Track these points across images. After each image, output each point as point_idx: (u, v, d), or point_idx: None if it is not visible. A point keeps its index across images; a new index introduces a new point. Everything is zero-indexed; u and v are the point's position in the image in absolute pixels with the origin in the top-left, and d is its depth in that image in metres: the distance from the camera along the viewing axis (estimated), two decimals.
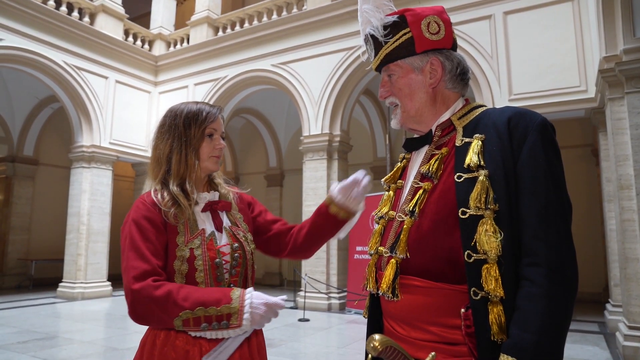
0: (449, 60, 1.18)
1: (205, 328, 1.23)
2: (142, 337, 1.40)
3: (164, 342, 1.31)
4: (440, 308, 1.02)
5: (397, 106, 1.22)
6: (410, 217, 1.10)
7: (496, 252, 0.95)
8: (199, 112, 1.45)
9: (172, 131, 1.44)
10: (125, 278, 1.26)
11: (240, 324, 1.24)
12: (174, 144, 1.43)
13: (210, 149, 1.47)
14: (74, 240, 9.62)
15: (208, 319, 1.23)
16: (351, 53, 8.48)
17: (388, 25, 1.18)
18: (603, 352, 5.25)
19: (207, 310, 1.22)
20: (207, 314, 1.22)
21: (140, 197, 1.43)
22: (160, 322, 1.25)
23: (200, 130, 1.44)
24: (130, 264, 1.27)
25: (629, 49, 4.98)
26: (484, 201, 0.98)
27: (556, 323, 0.90)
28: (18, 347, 5.33)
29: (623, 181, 5.18)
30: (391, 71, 1.21)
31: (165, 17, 11.92)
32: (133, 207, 1.39)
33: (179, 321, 1.22)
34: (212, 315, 1.23)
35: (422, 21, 1.16)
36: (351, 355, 5.18)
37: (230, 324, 1.23)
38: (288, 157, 13.54)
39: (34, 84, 10.33)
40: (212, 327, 1.23)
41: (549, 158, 0.99)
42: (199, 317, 1.22)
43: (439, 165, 1.11)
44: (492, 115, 1.10)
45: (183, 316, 1.22)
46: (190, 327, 1.23)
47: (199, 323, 1.23)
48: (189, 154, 1.43)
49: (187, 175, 1.43)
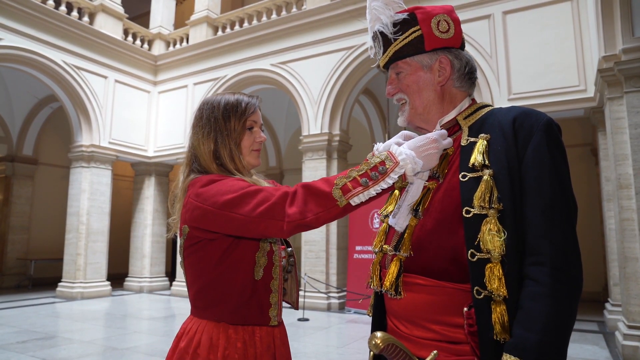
0: (457, 59, 1.19)
1: (367, 183, 1.11)
2: (182, 341, 1.29)
3: (226, 345, 1.24)
4: (443, 307, 1.02)
5: (405, 103, 1.22)
6: (414, 215, 1.10)
7: (500, 251, 0.95)
8: (237, 103, 1.38)
9: (212, 125, 1.36)
10: (272, 198, 1.14)
11: (396, 162, 1.10)
12: (217, 138, 1.35)
13: (251, 142, 1.39)
14: (74, 240, 9.61)
15: (365, 174, 1.12)
16: (351, 52, 8.48)
17: (398, 23, 1.18)
18: (602, 351, 5.26)
19: (360, 169, 1.13)
20: (360, 172, 1.12)
21: (210, 175, 1.31)
22: (320, 203, 1.12)
23: (241, 123, 1.37)
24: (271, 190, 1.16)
25: (628, 48, 4.99)
26: (488, 200, 0.98)
27: (560, 323, 0.90)
28: (17, 347, 5.33)
29: (622, 180, 5.18)
30: (400, 68, 1.20)
31: (164, 17, 11.91)
32: (208, 177, 1.27)
33: (337, 191, 1.11)
34: (366, 170, 1.12)
35: (433, 19, 1.16)
36: (351, 355, 5.18)
37: (387, 167, 1.11)
38: (287, 156, 13.54)
39: (34, 83, 10.32)
40: (372, 178, 1.11)
41: (554, 158, 0.99)
42: (354, 177, 1.12)
43: (445, 165, 1.11)
44: (498, 114, 1.11)
45: (339, 183, 1.12)
46: (351, 191, 1.11)
47: (357, 182, 1.11)
48: (232, 149, 1.35)
49: (241, 170, 1.35)
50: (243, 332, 1.26)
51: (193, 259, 1.31)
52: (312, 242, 8.44)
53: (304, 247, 8.55)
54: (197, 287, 1.31)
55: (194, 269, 1.31)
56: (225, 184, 1.23)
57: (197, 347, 1.24)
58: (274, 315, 1.31)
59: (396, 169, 1.10)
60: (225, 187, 1.22)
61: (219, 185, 1.23)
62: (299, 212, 1.11)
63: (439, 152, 1.12)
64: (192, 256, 1.31)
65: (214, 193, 1.21)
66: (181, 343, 1.29)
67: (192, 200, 1.25)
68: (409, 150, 1.11)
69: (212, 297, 1.28)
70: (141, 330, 6.63)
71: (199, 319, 1.31)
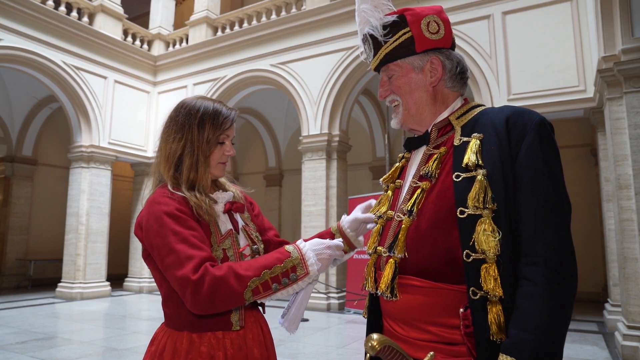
0: (449, 59, 1.19)
1: (276, 288, 1.21)
2: (152, 345, 1.32)
3: (189, 350, 1.24)
4: (439, 308, 1.01)
5: (398, 105, 1.22)
6: (408, 216, 1.09)
7: (495, 251, 0.95)
8: (215, 115, 1.36)
9: (185, 131, 1.34)
10: (179, 272, 1.15)
11: (307, 272, 1.23)
12: (187, 146, 1.34)
13: (220, 155, 1.39)
14: (73, 241, 9.61)
15: (275, 279, 1.20)
16: (350, 53, 8.49)
17: (387, 25, 1.17)
18: (602, 351, 5.26)
19: (273, 270, 1.20)
20: (273, 274, 1.20)
21: (160, 192, 1.31)
22: (227, 301, 1.17)
23: (215, 136, 1.36)
24: (185, 254, 1.17)
25: (627, 48, 4.99)
26: (482, 200, 0.98)
27: (555, 322, 0.90)
28: (17, 348, 5.32)
29: (622, 181, 5.18)
30: (391, 71, 1.21)
31: (164, 17, 11.92)
32: (156, 202, 1.27)
33: (248, 292, 1.18)
34: (278, 274, 1.21)
35: (422, 20, 1.16)
36: (350, 355, 5.18)
37: (298, 275, 1.22)
38: (287, 157, 13.53)
39: (33, 84, 10.32)
40: (282, 284, 1.21)
41: (547, 157, 0.99)
42: (266, 280, 1.19)
43: (438, 165, 1.11)
44: (491, 114, 1.10)
45: (252, 285, 1.18)
46: (261, 293, 1.20)
47: (268, 286, 1.20)
48: (200, 160, 1.34)
49: (196, 182, 1.35)
50: (209, 337, 1.27)
51: (152, 268, 1.33)
52: None
53: None
54: (162, 296, 1.33)
55: (156, 278, 1.33)
56: (164, 236, 1.23)
57: (163, 351, 1.27)
58: (236, 320, 1.30)
59: (305, 279, 1.24)
60: (162, 241, 1.23)
61: (159, 235, 1.24)
62: (201, 308, 1.16)
63: (330, 259, 1.28)
64: (151, 265, 1.33)
65: (154, 236, 1.24)
66: (152, 347, 1.31)
67: (143, 224, 1.29)
68: (323, 251, 1.27)
69: (173, 306, 1.29)
70: (141, 330, 6.63)
71: (166, 327, 1.32)
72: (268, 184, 13.76)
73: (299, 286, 1.25)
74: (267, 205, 13.46)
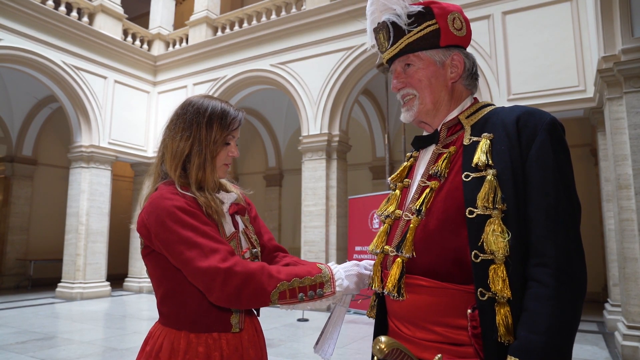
0: (467, 57, 1.19)
1: (302, 298, 1.22)
2: (147, 345, 1.30)
3: (186, 350, 1.24)
4: (446, 308, 1.01)
5: (414, 98, 1.19)
6: (416, 216, 1.08)
7: (503, 252, 0.94)
8: (223, 115, 1.34)
9: (193, 129, 1.32)
10: (203, 264, 1.14)
11: (334, 291, 1.25)
12: (195, 145, 1.32)
13: (225, 156, 1.38)
14: (73, 241, 9.60)
15: (303, 289, 1.22)
16: (350, 53, 8.49)
17: (412, 14, 1.15)
18: (602, 351, 5.26)
19: (302, 280, 1.22)
20: (302, 284, 1.22)
21: (167, 189, 1.28)
22: (253, 298, 1.17)
23: (222, 136, 1.34)
24: (209, 247, 1.17)
25: (627, 48, 4.99)
26: (492, 201, 0.97)
27: (564, 324, 0.89)
28: (17, 348, 5.32)
29: (622, 181, 5.19)
30: (410, 61, 1.18)
31: (164, 17, 11.91)
32: (164, 197, 1.24)
33: (276, 294, 1.19)
34: (307, 286, 1.23)
35: (449, 15, 1.15)
36: (350, 355, 5.18)
37: (325, 292, 1.24)
38: (287, 157, 13.53)
39: (33, 84, 10.31)
40: (308, 297, 1.23)
41: (558, 158, 0.98)
42: (294, 288, 1.21)
43: (447, 164, 1.10)
44: (501, 114, 1.09)
45: (280, 288, 1.19)
46: (287, 299, 1.20)
47: (295, 294, 1.21)
48: (207, 160, 1.32)
49: (204, 182, 1.33)
50: (206, 337, 1.26)
51: (152, 265, 1.31)
52: (312, 243, 8.44)
53: (304, 247, 8.54)
54: (160, 295, 1.31)
55: (155, 276, 1.31)
56: (180, 231, 1.20)
57: (159, 351, 1.25)
58: (236, 323, 1.30)
59: (330, 298, 1.26)
60: (177, 235, 1.20)
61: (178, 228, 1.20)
62: (227, 300, 1.16)
63: (360, 279, 1.30)
64: (151, 263, 1.30)
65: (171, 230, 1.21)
66: (147, 347, 1.30)
67: (150, 220, 1.24)
68: (344, 278, 1.27)
69: (172, 305, 1.28)
70: (141, 330, 6.62)
71: (163, 326, 1.31)
72: (268, 184, 13.76)
73: (323, 303, 1.26)
74: (267, 205, 13.46)
